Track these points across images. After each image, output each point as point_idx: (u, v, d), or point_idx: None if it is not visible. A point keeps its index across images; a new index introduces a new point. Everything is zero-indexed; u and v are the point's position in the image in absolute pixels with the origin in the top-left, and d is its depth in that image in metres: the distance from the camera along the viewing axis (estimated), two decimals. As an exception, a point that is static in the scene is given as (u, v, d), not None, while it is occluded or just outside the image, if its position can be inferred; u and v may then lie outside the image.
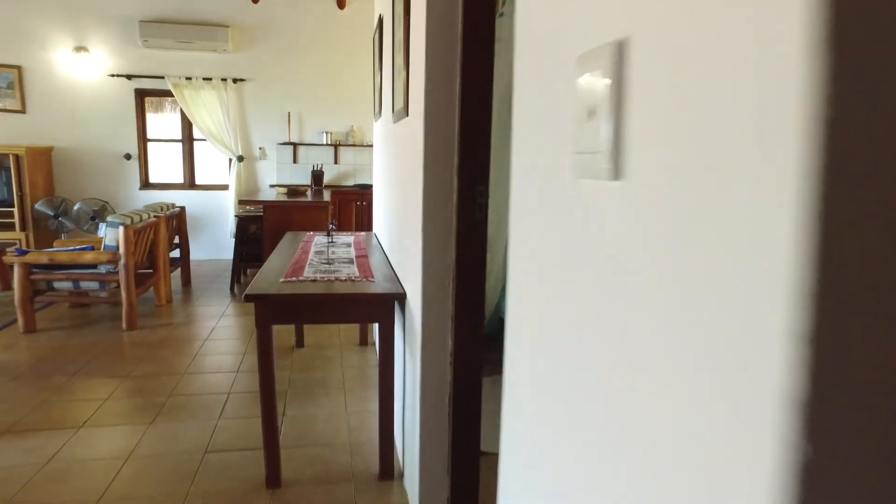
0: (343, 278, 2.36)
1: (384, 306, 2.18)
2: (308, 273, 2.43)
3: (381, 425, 2.30)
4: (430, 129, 1.81)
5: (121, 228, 3.96)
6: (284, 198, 5.56)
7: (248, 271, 5.83)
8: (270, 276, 2.36)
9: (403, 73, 2.26)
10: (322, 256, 2.83)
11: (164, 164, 6.73)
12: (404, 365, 2.29)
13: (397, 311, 2.34)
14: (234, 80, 6.52)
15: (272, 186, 6.66)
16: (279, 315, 2.13)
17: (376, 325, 2.70)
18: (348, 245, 3.18)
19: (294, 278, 2.31)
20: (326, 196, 5.47)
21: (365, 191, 5.59)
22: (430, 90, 1.80)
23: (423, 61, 1.83)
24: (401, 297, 2.18)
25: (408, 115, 2.17)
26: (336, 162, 6.74)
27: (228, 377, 3.35)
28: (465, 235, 1.78)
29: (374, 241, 3.43)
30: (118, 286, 4.09)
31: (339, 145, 6.68)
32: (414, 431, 2.09)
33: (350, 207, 5.35)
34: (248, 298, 2.07)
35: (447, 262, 1.84)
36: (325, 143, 6.65)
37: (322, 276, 2.38)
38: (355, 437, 2.70)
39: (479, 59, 1.75)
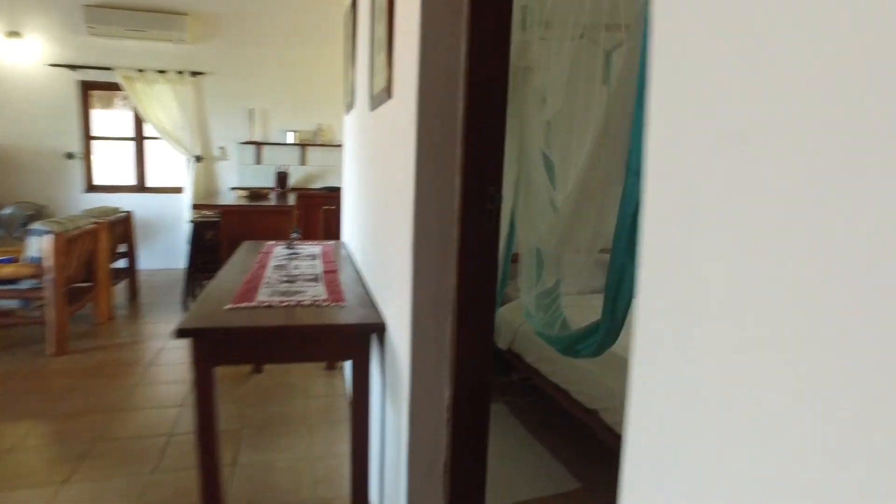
0: (307, 302, 1.89)
1: (358, 340, 1.71)
2: (263, 295, 1.95)
3: (355, 486, 1.83)
4: (424, 112, 1.36)
5: (46, 237, 3.39)
6: (245, 201, 5.04)
7: (205, 283, 5.26)
8: (215, 300, 1.87)
9: (385, 47, 1.81)
10: (282, 272, 2.35)
11: (113, 164, 6.10)
12: (384, 413, 1.83)
13: (375, 345, 1.87)
14: (192, 74, 5.96)
15: (233, 189, 6.10)
16: (223, 354, 1.64)
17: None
18: (314, 257, 2.70)
19: (244, 304, 1.82)
20: (292, 200, 4.96)
21: (334, 193, 5.10)
22: (427, 60, 1.36)
23: (417, 25, 1.39)
24: (380, 329, 1.72)
25: (391, 96, 1.72)
26: (303, 163, 6.22)
27: (171, 413, 2.82)
28: (470, 251, 1.34)
29: (345, 251, 2.96)
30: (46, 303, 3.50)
31: (307, 145, 6.17)
32: (397, 498, 1.64)
33: (318, 212, 4.85)
34: (182, 334, 1.58)
35: (446, 286, 1.39)
36: (291, 142, 6.13)
37: (280, 299, 1.91)
38: (321, 493, 2.21)
39: (492, 22, 1.31)
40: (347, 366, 3.16)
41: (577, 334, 1.77)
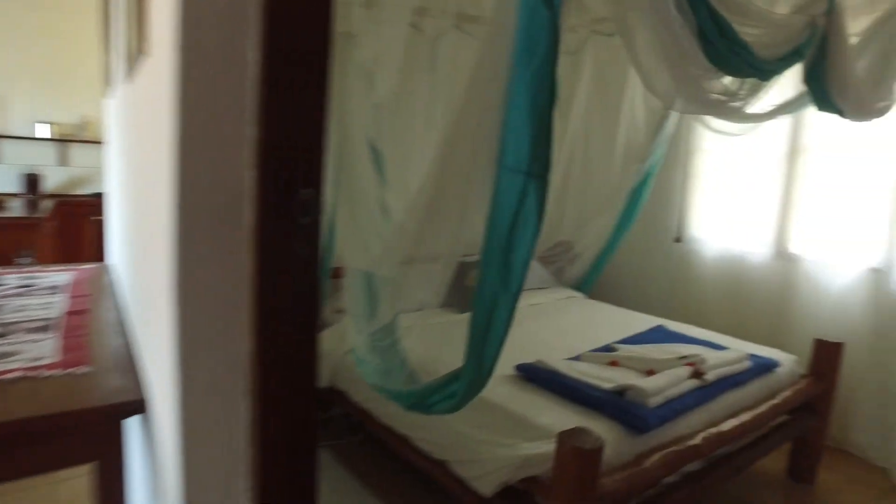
0: (14, 374, 1.19)
1: (104, 431, 1.09)
2: (-67, 366, 1.19)
3: None
4: (191, 71, 0.83)
5: None
6: (-27, 212, 3.79)
7: None
8: None
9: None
10: (-9, 319, 1.56)
11: None
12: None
13: (137, 431, 1.25)
14: None
15: (-42, 196, 4.62)
16: None
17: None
18: (56, 290, 1.92)
19: None
20: (48, 208, 3.85)
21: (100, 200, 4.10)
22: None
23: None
24: (140, 407, 1.12)
25: (147, 53, 1.14)
26: (64, 163, 4.97)
27: None
28: (275, 292, 0.84)
29: (110, 278, 2.19)
30: None
31: (69, 141, 4.93)
32: None
33: (83, 225, 3.83)
34: None
35: (237, 350, 0.87)
36: (45, 137, 4.85)
37: (-34, 370, 1.18)
38: None
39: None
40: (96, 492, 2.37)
41: (429, 388, 1.36)
